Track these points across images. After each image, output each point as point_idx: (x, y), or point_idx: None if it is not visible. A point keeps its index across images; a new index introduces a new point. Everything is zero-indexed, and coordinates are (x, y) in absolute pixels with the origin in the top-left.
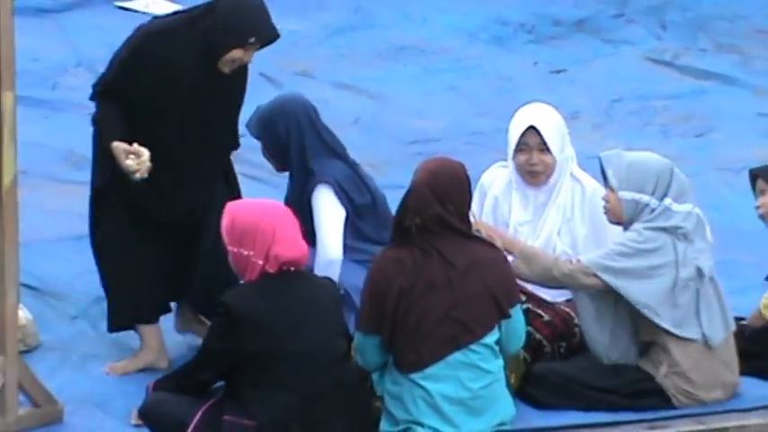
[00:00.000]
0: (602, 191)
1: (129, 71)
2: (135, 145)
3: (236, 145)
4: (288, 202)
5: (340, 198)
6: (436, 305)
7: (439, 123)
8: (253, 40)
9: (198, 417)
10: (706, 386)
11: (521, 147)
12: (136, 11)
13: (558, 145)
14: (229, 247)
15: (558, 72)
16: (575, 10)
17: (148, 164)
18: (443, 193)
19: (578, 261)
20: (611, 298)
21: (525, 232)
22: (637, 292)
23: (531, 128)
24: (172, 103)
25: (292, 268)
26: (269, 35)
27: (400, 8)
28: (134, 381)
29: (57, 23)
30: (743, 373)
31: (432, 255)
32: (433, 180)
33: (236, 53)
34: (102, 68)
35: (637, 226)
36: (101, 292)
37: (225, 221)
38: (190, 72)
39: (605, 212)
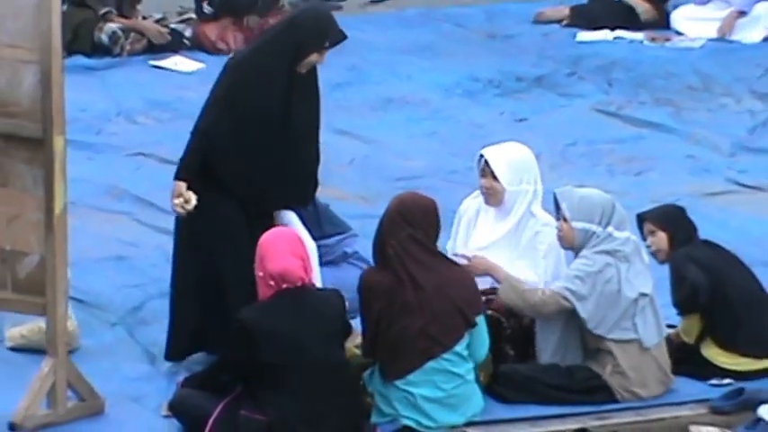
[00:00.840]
0: (550, 230)
1: (233, 94)
2: (190, 193)
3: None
4: None
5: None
6: (411, 325)
7: (421, 163)
8: (327, 44)
9: (218, 410)
10: (642, 383)
11: (480, 173)
12: (166, 68)
13: (507, 176)
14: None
15: (521, 120)
16: (535, 69)
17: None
18: (411, 216)
19: (548, 291)
20: (563, 315)
21: (483, 249)
22: (590, 310)
23: (482, 157)
24: (267, 108)
25: (285, 285)
26: (338, 39)
27: (388, 67)
28: (164, 378)
29: (101, 80)
30: (673, 373)
31: (404, 280)
32: (402, 207)
33: (313, 57)
34: (139, 118)
35: (585, 252)
36: (136, 303)
37: None
38: (278, 78)
39: (558, 239)
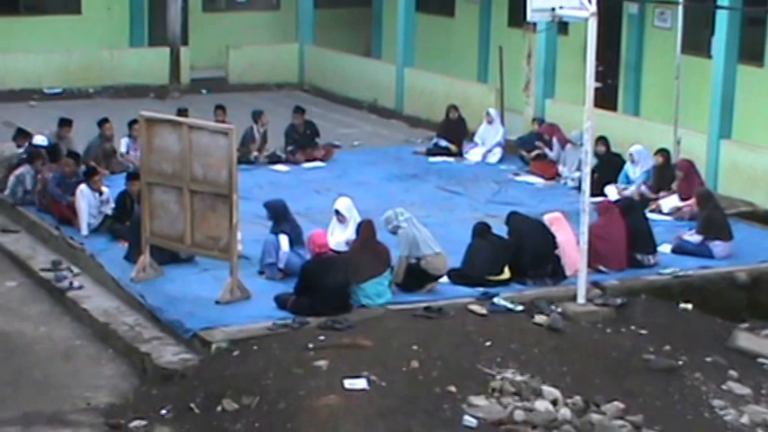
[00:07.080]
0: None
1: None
2: None
3: None
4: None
5: (288, 235)
6: (368, 265)
7: (370, 206)
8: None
9: (292, 299)
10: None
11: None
12: (275, 170)
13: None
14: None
15: (407, 191)
16: (413, 171)
17: None
18: (368, 228)
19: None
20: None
21: None
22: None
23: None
24: None
25: (319, 250)
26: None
27: (358, 170)
28: (274, 287)
29: (249, 173)
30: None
31: (368, 251)
32: (363, 225)
33: None
34: (264, 188)
35: (400, 231)
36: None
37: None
38: None
39: None
